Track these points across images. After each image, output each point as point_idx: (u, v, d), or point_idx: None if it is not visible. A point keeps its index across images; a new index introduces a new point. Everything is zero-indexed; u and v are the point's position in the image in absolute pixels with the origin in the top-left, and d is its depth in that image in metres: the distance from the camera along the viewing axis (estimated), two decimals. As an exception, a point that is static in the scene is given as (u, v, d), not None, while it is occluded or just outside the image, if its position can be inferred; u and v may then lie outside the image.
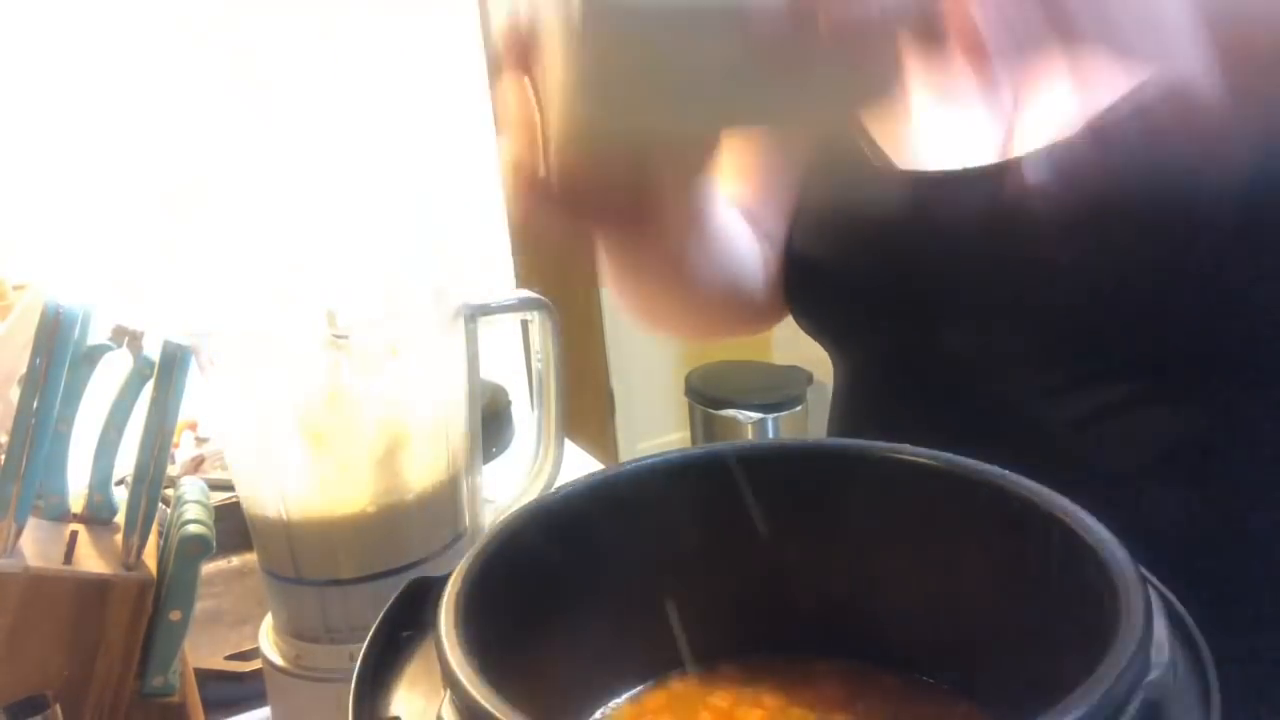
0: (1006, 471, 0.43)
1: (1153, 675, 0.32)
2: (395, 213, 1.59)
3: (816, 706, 0.45)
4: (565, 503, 0.46)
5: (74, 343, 0.61)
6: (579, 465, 1.16)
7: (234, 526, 0.69)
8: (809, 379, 2.91)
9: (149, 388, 0.63)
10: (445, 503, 0.64)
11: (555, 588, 0.45)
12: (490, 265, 1.71)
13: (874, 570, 0.47)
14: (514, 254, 1.78)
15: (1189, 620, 0.37)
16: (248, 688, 0.82)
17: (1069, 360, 0.59)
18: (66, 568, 0.61)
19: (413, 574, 0.55)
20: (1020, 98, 0.59)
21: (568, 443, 0.72)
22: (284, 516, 0.61)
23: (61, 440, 0.63)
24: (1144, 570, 0.37)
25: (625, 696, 0.47)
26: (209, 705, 0.75)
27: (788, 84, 0.37)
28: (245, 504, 0.64)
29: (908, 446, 0.46)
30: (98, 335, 0.63)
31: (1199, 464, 0.58)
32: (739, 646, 0.49)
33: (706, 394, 2.94)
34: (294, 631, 0.63)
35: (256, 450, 0.60)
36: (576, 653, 0.45)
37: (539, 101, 0.39)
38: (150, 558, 0.64)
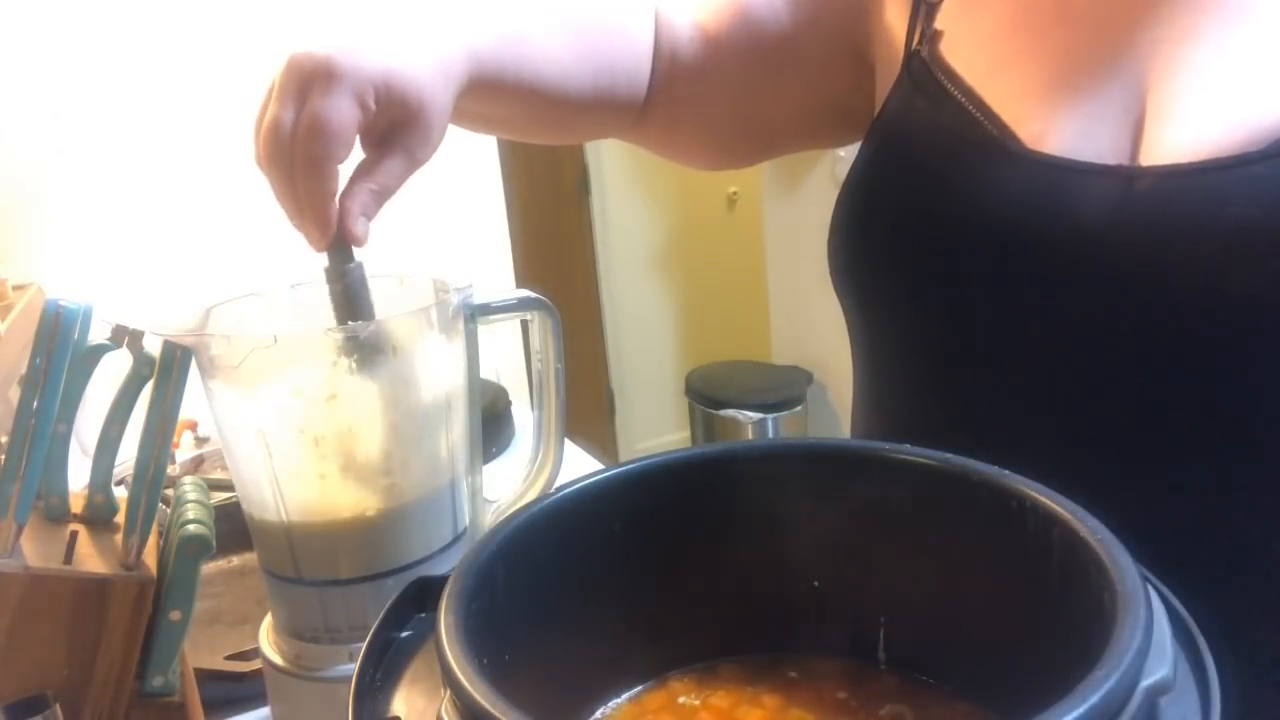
0: (1006, 471, 0.43)
1: (1153, 675, 0.32)
2: (394, 212, 1.59)
3: (816, 706, 0.45)
4: (565, 503, 0.46)
5: (74, 343, 0.61)
6: (579, 465, 1.16)
7: (234, 526, 0.69)
8: (809, 379, 2.91)
9: (149, 388, 0.63)
10: (445, 503, 0.64)
11: (555, 588, 0.45)
12: (490, 265, 1.71)
13: (874, 570, 0.47)
14: (514, 254, 1.78)
15: (1189, 620, 0.37)
16: (248, 688, 0.82)
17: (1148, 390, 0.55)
18: (66, 568, 0.61)
19: (413, 574, 0.55)
20: (1148, 101, 0.56)
21: (568, 443, 0.72)
22: (283, 517, 0.61)
23: (61, 440, 0.63)
24: (1144, 570, 0.37)
25: (625, 696, 0.47)
26: (209, 705, 0.75)
27: None
28: (245, 505, 0.64)
29: (908, 446, 0.46)
30: (98, 335, 0.63)
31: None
32: (738, 646, 0.49)
33: (706, 394, 2.94)
34: (294, 631, 0.63)
35: (256, 451, 0.60)
36: (576, 653, 0.45)
37: None
38: (150, 558, 0.64)
